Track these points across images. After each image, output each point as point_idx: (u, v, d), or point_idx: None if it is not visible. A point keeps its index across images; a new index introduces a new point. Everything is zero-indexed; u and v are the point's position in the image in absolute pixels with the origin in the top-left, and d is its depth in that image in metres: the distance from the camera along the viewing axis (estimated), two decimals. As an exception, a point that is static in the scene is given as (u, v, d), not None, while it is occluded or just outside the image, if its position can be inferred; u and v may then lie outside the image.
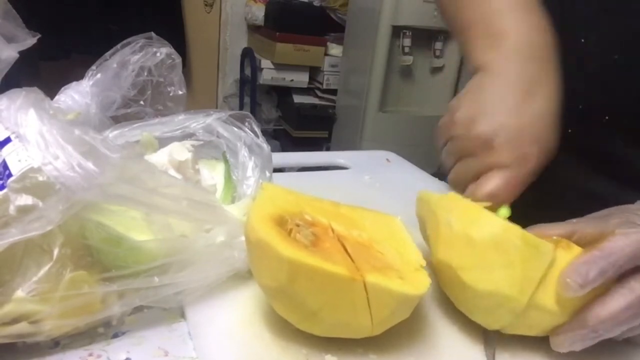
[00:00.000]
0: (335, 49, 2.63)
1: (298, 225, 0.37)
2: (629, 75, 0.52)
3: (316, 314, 0.34)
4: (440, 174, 0.60)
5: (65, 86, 0.47)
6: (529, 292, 0.36)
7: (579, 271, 0.35)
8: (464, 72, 2.22)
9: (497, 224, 0.38)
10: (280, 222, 0.37)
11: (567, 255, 0.37)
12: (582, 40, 0.53)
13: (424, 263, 0.39)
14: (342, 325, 0.35)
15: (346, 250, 0.36)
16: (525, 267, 0.36)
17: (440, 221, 0.41)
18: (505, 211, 0.44)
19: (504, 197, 0.44)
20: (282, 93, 2.82)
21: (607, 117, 0.53)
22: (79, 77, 0.48)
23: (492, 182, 0.44)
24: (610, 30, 0.52)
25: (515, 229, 0.37)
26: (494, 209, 0.42)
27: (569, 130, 0.48)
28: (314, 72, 2.72)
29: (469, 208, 0.41)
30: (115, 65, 0.46)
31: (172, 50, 0.48)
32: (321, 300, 0.34)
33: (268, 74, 2.64)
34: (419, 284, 0.36)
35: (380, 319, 0.35)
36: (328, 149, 2.56)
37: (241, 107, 2.80)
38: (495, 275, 0.37)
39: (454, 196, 0.43)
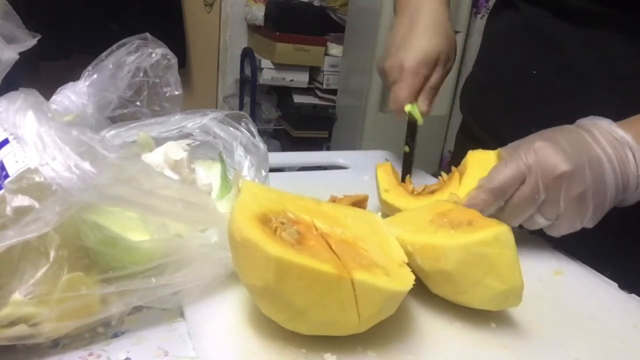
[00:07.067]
0: (335, 49, 2.63)
1: (283, 224, 0.37)
2: None
3: (304, 313, 0.34)
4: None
5: (62, 87, 0.47)
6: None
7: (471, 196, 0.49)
8: (464, 71, 2.21)
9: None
10: (264, 221, 0.37)
11: None
12: (534, 72, 0.64)
13: (406, 259, 0.39)
14: (329, 323, 0.35)
15: (331, 248, 0.36)
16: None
17: None
18: (409, 107, 0.61)
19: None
20: (282, 93, 2.82)
21: None
22: (80, 77, 0.48)
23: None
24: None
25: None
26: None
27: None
28: (314, 72, 2.72)
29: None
30: (111, 66, 0.46)
31: (168, 51, 0.48)
32: (309, 298, 0.34)
33: (268, 74, 2.64)
34: (404, 280, 0.36)
35: (368, 316, 0.35)
36: (328, 149, 2.55)
37: (241, 107, 2.80)
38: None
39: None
